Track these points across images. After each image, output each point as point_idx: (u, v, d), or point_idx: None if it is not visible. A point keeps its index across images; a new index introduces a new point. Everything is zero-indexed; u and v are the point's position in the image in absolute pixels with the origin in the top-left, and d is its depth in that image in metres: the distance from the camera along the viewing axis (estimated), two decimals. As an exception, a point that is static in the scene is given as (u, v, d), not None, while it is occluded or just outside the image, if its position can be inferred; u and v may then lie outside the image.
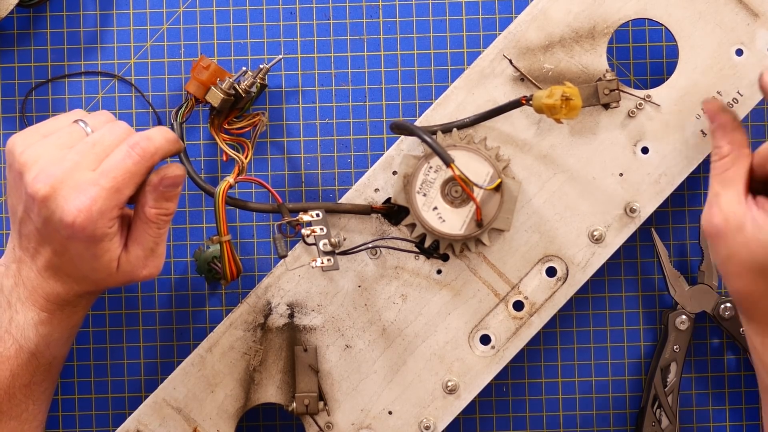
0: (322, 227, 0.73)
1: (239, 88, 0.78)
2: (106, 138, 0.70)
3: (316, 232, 0.73)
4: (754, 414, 0.85)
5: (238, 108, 0.79)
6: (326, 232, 0.73)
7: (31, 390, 0.74)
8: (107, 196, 0.68)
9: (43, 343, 0.73)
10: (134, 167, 0.69)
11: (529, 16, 0.78)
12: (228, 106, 0.78)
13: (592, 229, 0.78)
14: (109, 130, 0.71)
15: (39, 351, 0.73)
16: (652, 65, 0.85)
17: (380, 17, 0.85)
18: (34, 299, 0.71)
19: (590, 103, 0.77)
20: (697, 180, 0.84)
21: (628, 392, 0.85)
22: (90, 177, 0.68)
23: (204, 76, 0.78)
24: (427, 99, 0.85)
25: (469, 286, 0.78)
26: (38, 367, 0.73)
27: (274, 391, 0.78)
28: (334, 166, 0.84)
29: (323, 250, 0.73)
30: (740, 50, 0.78)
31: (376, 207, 0.77)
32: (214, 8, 0.85)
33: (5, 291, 0.72)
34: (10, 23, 0.84)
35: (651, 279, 0.85)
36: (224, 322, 0.78)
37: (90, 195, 0.67)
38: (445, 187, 0.74)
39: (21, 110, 0.84)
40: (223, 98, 0.77)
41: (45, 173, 0.68)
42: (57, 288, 0.71)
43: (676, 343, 0.82)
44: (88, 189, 0.67)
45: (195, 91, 0.79)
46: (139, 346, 0.84)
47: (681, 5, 0.78)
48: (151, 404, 0.77)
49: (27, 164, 0.69)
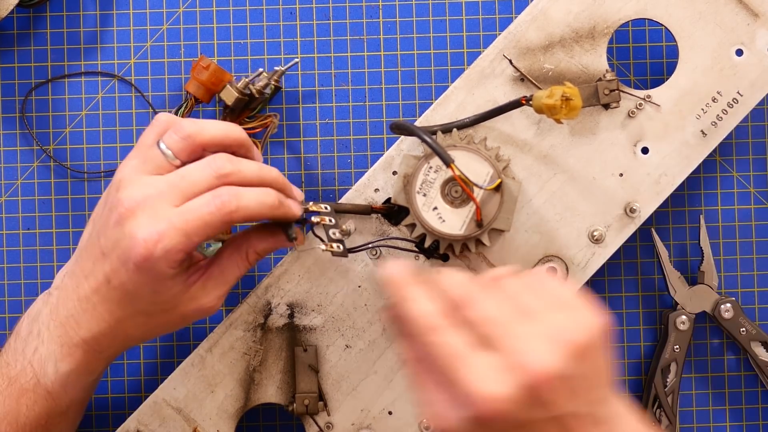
0: (331, 218, 0.72)
1: (254, 89, 0.78)
2: (194, 175, 0.67)
3: (326, 221, 0.72)
4: (754, 414, 0.85)
5: (250, 108, 0.79)
6: (335, 223, 0.72)
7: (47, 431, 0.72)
8: (175, 237, 0.65)
9: (59, 382, 0.70)
10: (209, 218, 0.66)
11: (529, 16, 0.78)
12: (242, 106, 0.78)
13: (592, 230, 0.78)
14: (200, 168, 0.67)
15: (55, 390, 0.70)
16: (652, 65, 0.85)
17: (380, 17, 0.85)
18: (62, 332, 0.69)
19: (590, 103, 0.77)
20: (697, 180, 0.84)
21: (627, 392, 0.85)
22: (167, 213, 0.65)
23: (204, 76, 0.78)
24: (427, 99, 0.85)
25: (469, 286, 0.78)
26: (54, 409, 0.71)
27: (274, 391, 0.78)
28: (334, 166, 0.84)
29: (333, 238, 0.72)
30: (740, 50, 0.78)
31: (376, 207, 0.77)
32: (214, 8, 0.85)
33: (40, 319, 0.70)
34: (10, 23, 0.84)
35: (651, 279, 0.85)
36: (224, 322, 0.78)
37: (159, 230, 0.65)
38: (445, 187, 0.74)
39: (21, 110, 0.84)
40: (238, 97, 0.78)
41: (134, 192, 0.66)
42: (91, 324, 0.69)
43: (676, 343, 0.82)
44: (160, 223, 0.65)
45: (195, 91, 0.79)
46: (139, 346, 0.84)
47: (681, 5, 0.78)
48: (151, 404, 0.77)
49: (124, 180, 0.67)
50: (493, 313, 0.59)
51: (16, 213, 0.84)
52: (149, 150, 0.68)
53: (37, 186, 0.84)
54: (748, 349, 0.83)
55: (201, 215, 0.65)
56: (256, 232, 0.71)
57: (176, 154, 0.67)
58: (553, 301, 0.60)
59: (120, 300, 0.68)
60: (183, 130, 0.68)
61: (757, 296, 0.85)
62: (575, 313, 0.60)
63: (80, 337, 0.69)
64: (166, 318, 0.69)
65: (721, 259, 0.85)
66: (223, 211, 0.66)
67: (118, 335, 0.70)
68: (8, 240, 0.84)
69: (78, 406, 0.74)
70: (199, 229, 0.65)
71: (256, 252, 0.71)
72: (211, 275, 0.69)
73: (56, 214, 0.84)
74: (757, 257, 0.85)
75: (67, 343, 0.69)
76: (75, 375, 0.70)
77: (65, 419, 0.73)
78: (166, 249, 0.65)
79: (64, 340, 0.69)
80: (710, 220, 0.84)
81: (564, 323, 0.59)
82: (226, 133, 0.69)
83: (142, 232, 0.65)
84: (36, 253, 0.84)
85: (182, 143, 0.67)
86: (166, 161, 0.67)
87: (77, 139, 0.84)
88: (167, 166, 0.67)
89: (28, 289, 0.84)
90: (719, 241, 0.85)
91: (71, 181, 0.84)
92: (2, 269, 0.84)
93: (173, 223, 0.65)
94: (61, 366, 0.70)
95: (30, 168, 0.84)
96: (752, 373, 0.85)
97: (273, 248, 0.71)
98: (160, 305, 0.68)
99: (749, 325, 0.82)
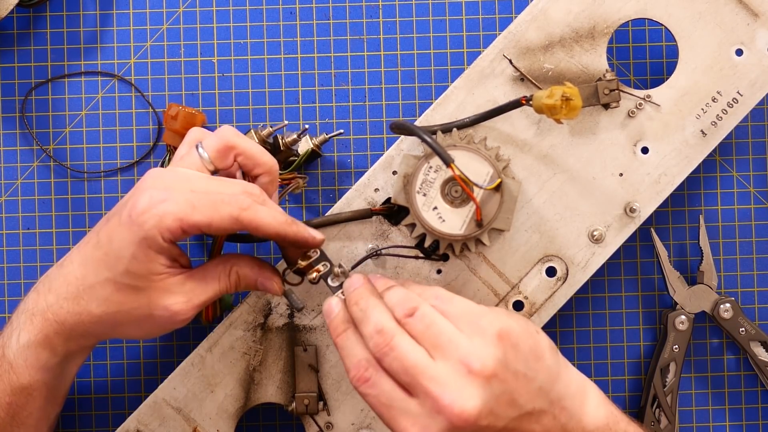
0: (324, 263, 0.72)
1: (282, 141, 0.78)
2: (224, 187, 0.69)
3: (320, 270, 0.73)
4: (754, 414, 0.85)
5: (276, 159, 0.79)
6: (329, 267, 0.72)
7: (13, 411, 0.72)
8: (181, 203, 0.66)
9: (20, 354, 0.71)
10: (221, 204, 0.67)
11: (529, 16, 0.78)
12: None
13: (592, 229, 0.78)
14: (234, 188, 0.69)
15: (16, 363, 0.71)
16: (652, 65, 0.85)
17: (380, 17, 0.85)
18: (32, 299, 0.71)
19: (590, 103, 0.77)
20: (697, 180, 0.84)
21: (627, 392, 0.85)
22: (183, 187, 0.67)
23: (176, 125, 0.80)
24: (427, 99, 0.85)
25: (469, 286, 0.78)
26: (15, 383, 0.71)
27: (274, 391, 0.78)
28: (334, 166, 0.84)
29: (333, 285, 0.72)
30: (740, 50, 0.78)
31: (375, 209, 0.77)
32: (214, 8, 0.85)
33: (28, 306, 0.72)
34: (10, 23, 0.84)
35: (651, 279, 0.85)
36: (224, 322, 0.78)
37: (170, 194, 0.67)
38: (445, 187, 0.74)
39: (21, 110, 0.84)
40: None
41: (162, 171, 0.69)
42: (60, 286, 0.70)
43: (676, 343, 0.82)
44: (173, 191, 0.67)
45: (172, 140, 0.81)
46: (139, 346, 0.84)
47: (681, 5, 0.78)
48: (151, 404, 0.77)
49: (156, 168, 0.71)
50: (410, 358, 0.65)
51: (16, 213, 0.84)
52: (185, 154, 0.71)
53: (37, 186, 0.84)
54: (748, 349, 0.83)
55: (214, 199, 0.67)
56: (246, 257, 0.72)
57: (212, 158, 0.70)
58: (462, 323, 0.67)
59: (98, 260, 0.69)
60: (221, 133, 0.71)
61: (757, 296, 0.85)
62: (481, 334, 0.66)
63: (45, 302, 0.70)
64: (133, 301, 0.69)
65: (721, 258, 0.85)
66: (234, 204, 0.67)
67: (80, 305, 0.69)
68: (8, 240, 0.84)
69: (45, 390, 0.73)
70: (207, 209, 0.67)
71: (239, 273, 0.71)
72: (192, 276, 0.70)
73: (56, 214, 0.84)
74: (756, 257, 0.85)
75: (30, 310, 0.70)
76: (33, 347, 0.70)
77: (30, 400, 0.72)
78: (167, 210, 0.66)
79: (29, 307, 0.71)
80: (710, 220, 0.84)
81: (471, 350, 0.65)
82: (261, 153, 0.71)
83: (153, 191, 0.67)
84: (36, 253, 0.84)
85: (218, 143, 0.70)
86: (200, 163, 0.70)
87: (77, 139, 0.84)
88: (201, 167, 0.70)
89: (28, 289, 0.83)
90: (719, 241, 0.85)
91: (71, 181, 0.84)
92: (2, 269, 0.84)
93: (185, 195, 0.67)
94: (22, 336, 0.71)
95: (30, 168, 0.84)
96: (751, 373, 0.85)
97: (255, 278, 0.72)
98: (132, 278, 0.68)
99: (748, 325, 0.82)
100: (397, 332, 0.66)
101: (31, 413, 0.73)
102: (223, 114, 0.84)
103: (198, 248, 0.84)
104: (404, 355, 0.65)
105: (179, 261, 0.69)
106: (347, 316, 0.69)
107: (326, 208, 0.82)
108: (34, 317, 0.70)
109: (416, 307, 0.67)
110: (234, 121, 0.84)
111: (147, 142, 0.84)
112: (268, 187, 0.72)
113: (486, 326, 0.66)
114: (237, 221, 0.67)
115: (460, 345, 0.65)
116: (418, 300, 0.68)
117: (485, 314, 0.67)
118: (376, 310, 0.68)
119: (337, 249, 0.78)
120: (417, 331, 0.66)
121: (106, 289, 0.68)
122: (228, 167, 0.71)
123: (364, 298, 0.68)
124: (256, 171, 0.71)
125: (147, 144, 0.84)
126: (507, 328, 0.67)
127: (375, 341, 0.66)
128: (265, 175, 0.72)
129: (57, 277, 0.71)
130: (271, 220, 0.68)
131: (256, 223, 0.68)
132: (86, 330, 0.70)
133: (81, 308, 0.69)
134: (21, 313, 0.71)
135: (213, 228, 0.67)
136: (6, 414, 0.72)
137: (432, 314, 0.67)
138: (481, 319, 0.67)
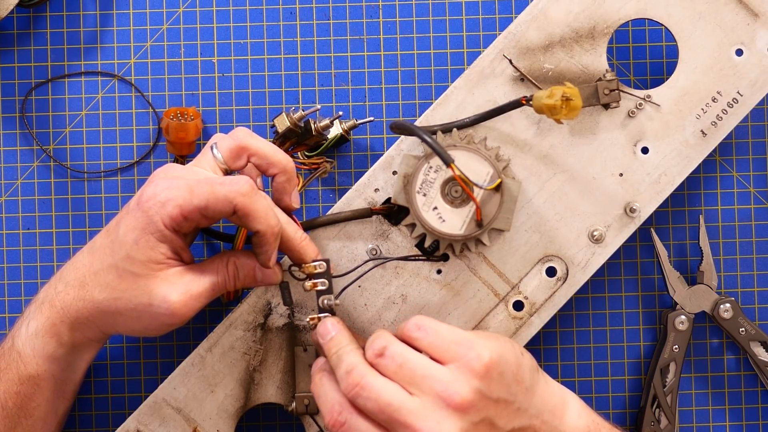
0: (324, 281, 0.73)
1: (314, 126, 0.78)
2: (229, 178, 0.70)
3: (318, 287, 0.73)
4: (754, 414, 0.85)
5: (305, 143, 0.79)
6: (328, 287, 0.73)
7: (21, 401, 0.73)
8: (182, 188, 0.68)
9: (28, 342, 0.72)
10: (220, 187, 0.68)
11: (529, 16, 0.78)
12: (293, 136, 0.78)
13: (592, 229, 0.78)
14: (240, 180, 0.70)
15: (24, 352, 0.72)
16: (652, 65, 0.85)
17: (380, 17, 0.85)
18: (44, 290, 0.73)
19: (590, 103, 0.77)
20: (697, 180, 0.84)
21: (627, 392, 0.85)
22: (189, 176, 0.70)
23: (171, 136, 0.81)
24: (427, 99, 0.85)
25: (469, 286, 0.78)
26: (23, 372, 0.72)
27: (274, 391, 0.78)
28: (334, 166, 0.84)
29: (320, 306, 0.73)
30: (740, 50, 0.78)
31: (375, 209, 0.77)
32: (214, 8, 0.85)
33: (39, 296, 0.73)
34: (10, 23, 0.84)
35: (650, 279, 0.85)
36: (224, 322, 0.78)
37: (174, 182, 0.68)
38: (445, 187, 0.74)
39: (21, 110, 0.84)
40: (289, 127, 0.78)
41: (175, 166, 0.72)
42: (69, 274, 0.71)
43: (676, 343, 0.82)
44: (178, 180, 0.69)
45: (173, 150, 0.81)
46: (139, 346, 0.84)
47: (681, 5, 0.78)
48: (151, 404, 0.77)
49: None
50: (385, 396, 0.65)
51: (16, 213, 0.84)
52: (200, 155, 0.73)
53: (37, 186, 0.84)
54: (748, 349, 0.83)
55: (212, 182, 0.69)
56: (246, 251, 0.73)
57: (225, 158, 0.72)
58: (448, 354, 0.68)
59: (105, 246, 0.70)
60: (234, 134, 0.72)
61: (757, 296, 0.85)
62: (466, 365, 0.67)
63: (54, 290, 0.71)
64: (133, 289, 0.69)
65: (721, 258, 0.85)
66: (232, 188, 0.68)
67: (85, 291, 0.70)
68: (8, 240, 0.84)
69: (52, 382, 0.73)
70: (205, 191, 0.68)
71: (236, 263, 0.72)
72: (191, 269, 0.71)
73: (56, 214, 0.84)
74: (756, 257, 0.85)
75: (41, 299, 0.72)
76: (41, 335, 0.72)
77: (38, 391, 0.73)
78: (169, 197, 0.68)
79: (40, 296, 0.72)
80: (710, 220, 0.84)
81: (449, 383, 0.66)
82: (275, 152, 0.73)
83: (160, 180, 0.69)
84: (36, 253, 0.84)
85: (231, 144, 0.72)
86: (214, 163, 0.72)
87: (77, 139, 0.84)
88: (215, 168, 0.72)
89: (28, 289, 0.84)
90: (719, 241, 0.85)
91: (71, 181, 0.84)
92: (2, 269, 0.84)
93: (185, 179, 0.69)
94: (31, 324, 0.72)
95: (30, 168, 0.84)
96: (751, 373, 0.85)
97: (253, 266, 0.72)
98: (132, 264, 0.69)
99: (748, 325, 0.82)
100: (367, 372, 0.67)
101: (39, 405, 0.74)
102: (223, 114, 0.84)
103: (199, 248, 0.84)
104: (378, 393, 0.66)
105: (181, 255, 0.71)
106: (323, 365, 0.71)
107: (326, 208, 0.82)
108: (43, 305, 0.72)
109: (385, 347, 0.68)
110: (234, 121, 0.84)
111: (147, 142, 0.84)
112: (285, 186, 0.73)
113: (473, 359, 0.67)
114: (231, 204, 0.68)
115: (437, 379, 0.66)
116: (389, 339, 0.68)
117: (473, 343, 0.68)
118: (349, 354, 0.69)
119: (337, 249, 0.78)
120: (390, 370, 0.67)
121: (109, 274, 0.70)
122: (241, 167, 0.73)
123: (337, 345, 0.70)
124: (271, 171, 0.73)
125: (147, 144, 0.84)
126: (496, 358, 0.68)
127: (346, 382, 0.67)
128: (281, 174, 0.73)
129: (68, 266, 0.73)
130: (263, 215, 0.69)
131: (248, 210, 0.68)
132: (88, 318, 0.71)
133: (85, 294, 0.71)
134: (32, 303, 0.73)
135: (210, 210, 0.68)
136: (14, 404, 0.73)
137: (403, 352, 0.68)
138: (470, 351, 0.67)
